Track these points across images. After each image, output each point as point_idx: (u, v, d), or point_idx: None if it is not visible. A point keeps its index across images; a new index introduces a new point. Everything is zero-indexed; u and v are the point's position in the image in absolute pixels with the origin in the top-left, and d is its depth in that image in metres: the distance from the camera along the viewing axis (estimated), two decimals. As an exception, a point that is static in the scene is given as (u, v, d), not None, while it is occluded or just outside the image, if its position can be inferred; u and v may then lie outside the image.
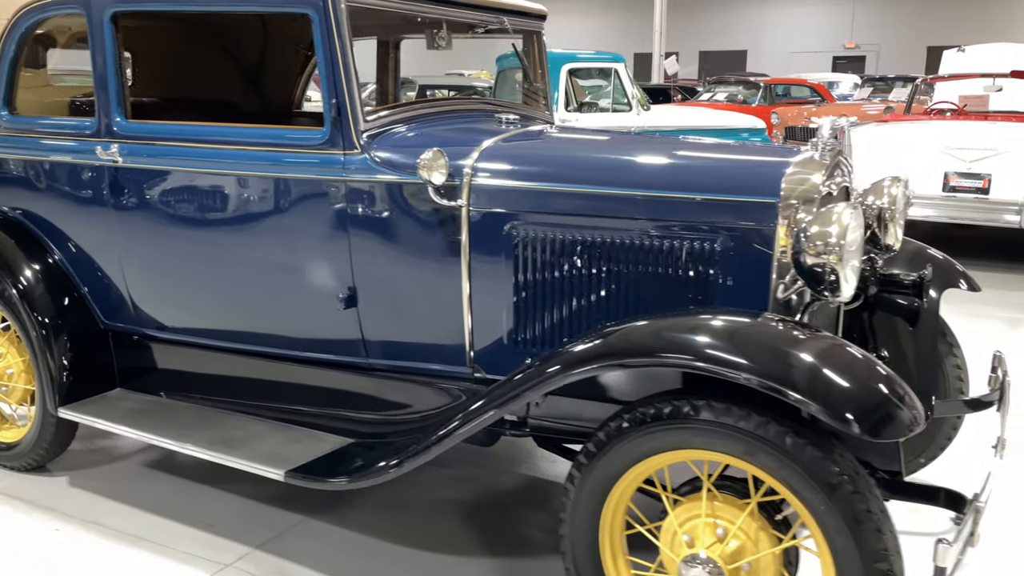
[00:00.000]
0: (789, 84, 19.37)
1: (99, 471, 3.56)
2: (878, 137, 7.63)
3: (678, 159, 2.75)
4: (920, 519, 3.13)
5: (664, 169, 2.65)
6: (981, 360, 4.89)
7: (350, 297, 2.84)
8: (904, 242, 3.35)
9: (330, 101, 2.72)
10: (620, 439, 2.19)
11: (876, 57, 29.66)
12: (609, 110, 9.76)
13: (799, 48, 30.32)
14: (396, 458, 2.53)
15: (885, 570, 1.93)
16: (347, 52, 2.69)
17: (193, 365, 3.31)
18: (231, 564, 2.88)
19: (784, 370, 1.99)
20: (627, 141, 3.14)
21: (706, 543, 2.15)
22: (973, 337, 5.61)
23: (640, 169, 2.65)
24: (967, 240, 8.90)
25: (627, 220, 2.56)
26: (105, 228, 3.20)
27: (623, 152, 2.87)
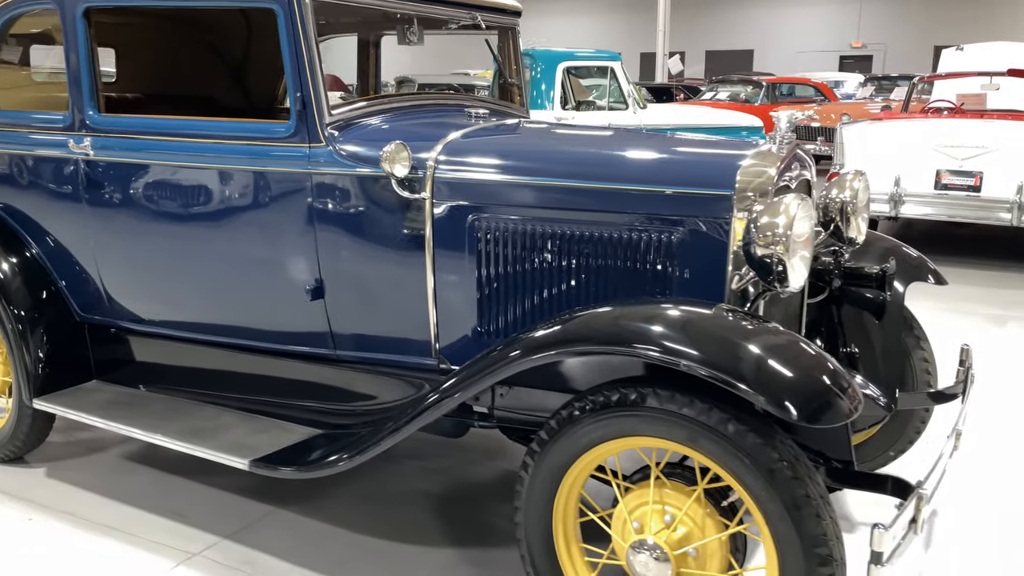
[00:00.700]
0: (793, 83, 19.34)
1: (76, 463, 3.60)
2: (870, 135, 7.63)
3: (636, 152, 2.77)
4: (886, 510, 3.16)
5: (622, 162, 2.68)
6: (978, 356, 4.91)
7: (316, 289, 2.87)
8: (876, 237, 3.37)
9: (295, 95, 2.75)
10: (570, 427, 2.21)
11: (883, 56, 29.59)
12: (606, 108, 9.77)
13: (805, 48, 30.28)
14: (348, 451, 2.56)
15: (824, 555, 1.95)
16: (312, 46, 2.73)
17: (167, 357, 3.35)
18: (199, 553, 2.91)
19: (726, 358, 2.01)
20: (590, 135, 3.16)
21: (654, 529, 2.17)
22: (959, 334, 5.63)
23: (598, 162, 2.67)
24: (960, 238, 8.90)
25: (586, 212, 2.59)
26: (79, 221, 3.24)
27: (584, 146, 2.89)
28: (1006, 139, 7.12)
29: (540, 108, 9.44)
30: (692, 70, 31.50)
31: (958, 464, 3.55)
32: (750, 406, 2.02)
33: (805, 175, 2.76)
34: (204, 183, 2.97)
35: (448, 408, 2.50)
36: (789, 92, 18.89)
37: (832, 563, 1.96)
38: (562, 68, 9.52)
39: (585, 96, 10.16)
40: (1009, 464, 3.67)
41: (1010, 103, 9.89)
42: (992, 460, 3.70)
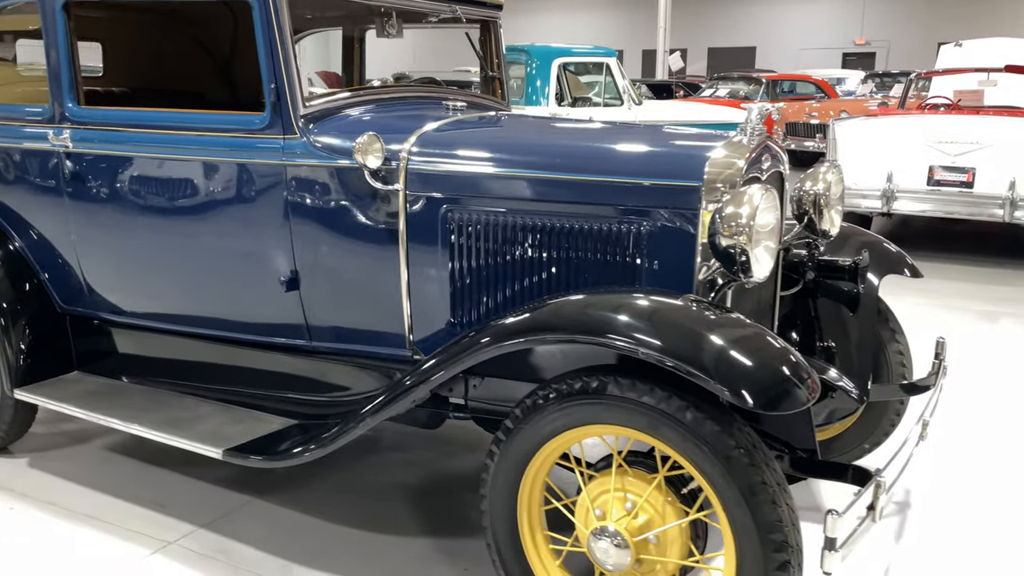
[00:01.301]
0: (793, 80, 19.32)
1: (59, 453, 3.63)
2: (862, 132, 7.63)
3: (607, 144, 2.78)
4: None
5: (592, 154, 2.69)
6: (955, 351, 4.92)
7: (292, 280, 2.89)
8: (855, 231, 3.38)
9: (269, 86, 2.77)
10: (534, 416, 2.23)
11: (886, 53, 29.51)
12: (601, 104, 9.78)
13: (809, 44, 30.21)
14: (317, 441, 2.59)
15: (780, 541, 1.97)
16: (286, 38, 2.75)
17: (147, 349, 3.37)
18: (174, 542, 2.94)
19: (685, 347, 2.03)
20: (563, 128, 3.18)
21: (616, 516, 2.19)
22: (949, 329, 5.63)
23: (569, 154, 2.69)
24: (954, 235, 8.90)
25: (557, 204, 2.60)
26: (60, 213, 3.27)
27: (556, 138, 2.91)
28: (998, 135, 7.11)
29: (535, 104, 9.46)
30: (694, 67, 31.46)
31: (937, 455, 3.59)
32: (711, 395, 2.04)
33: (778, 168, 2.77)
34: (181, 175, 2.99)
35: (416, 397, 2.52)
36: (790, 89, 18.88)
37: (787, 549, 1.97)
38: (557, 64, 9.53)
39: (583, 92, 10.17)
40: (985, 457, 3.68)
41: (1008, 99, 9.88)
42: (970, 452, 3.71)
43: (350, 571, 2.77)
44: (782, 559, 1.98)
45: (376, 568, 2.79)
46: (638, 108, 9.80)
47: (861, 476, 2.36)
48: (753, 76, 18.47)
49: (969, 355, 5.11)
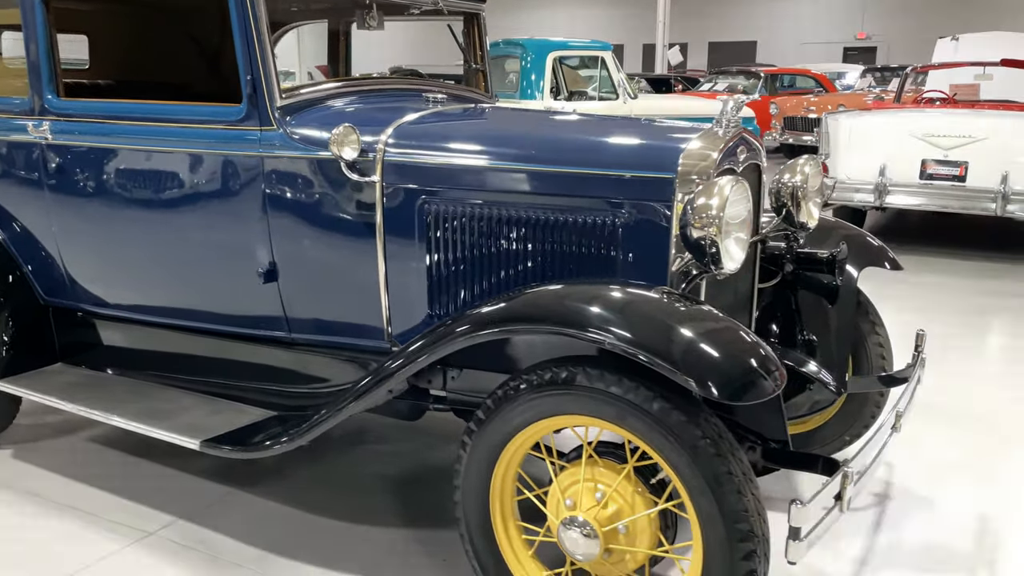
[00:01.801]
0: (792, 74, 19.30)
1: (44, 444, 3.64)
2: (855, 126, 7.62)
3: (583, 136, 2.79)
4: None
5: (567, 145, 2.69)
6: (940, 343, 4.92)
7: (270, 272, 2.90)
8: (836, 224, 3.37)
9: (246, 78, 2.78)
10: (505, 406, 2.24)
11: (887, 48, 29.46)
12: (596, 98, 9.78)
13: (809, 39, 30.17)
14: (291, 432, 2.60)
15: (745, 530, 1.98)
16: (262, 29, 2.75)
17: (130, 341, 3.39)
18: (154, 533, 2.95)
19: (652, 338, 2.03)
20: (541, 120, 3.19)
21: (586, 507, 2.20)
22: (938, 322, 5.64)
23: (545, 145, 2.68)
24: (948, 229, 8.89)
25: (533, 196, 2.61)
26: (41, 205, 3.28)
27: (533, 129, 2.91)
28: (990, 129, 7.11)
29: (531, 98, 9.46)
30: (695, 61, 31.43)
31: (917, 447, 3.59)
32: (679, 386, 2.04)
33: (755, 160, 2.77)
34: (159, 167, 3.00)
35: (392, 388, 2.52)
36: (790, 83, 18.87)
37: (753, 539, 1.98)
38: (552, 58, 9.52)
39: (580, 86, 10.16)
40: (965, 448, 3.68)
41: (1004, 93, 9.87)
42: (949, 444, 3.72)
43: (327, 561, 2.78)
44: (748, 548, 1.98)
45: (353, 558, 2.80)
46: (633, 102, 9.79)
47: (831, 467, 2.37)
48: (752, 70, 18.45)
49: (953, 347, 5.12)
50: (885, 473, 3.44)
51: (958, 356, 5.00)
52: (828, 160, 7.69)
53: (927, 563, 2.81)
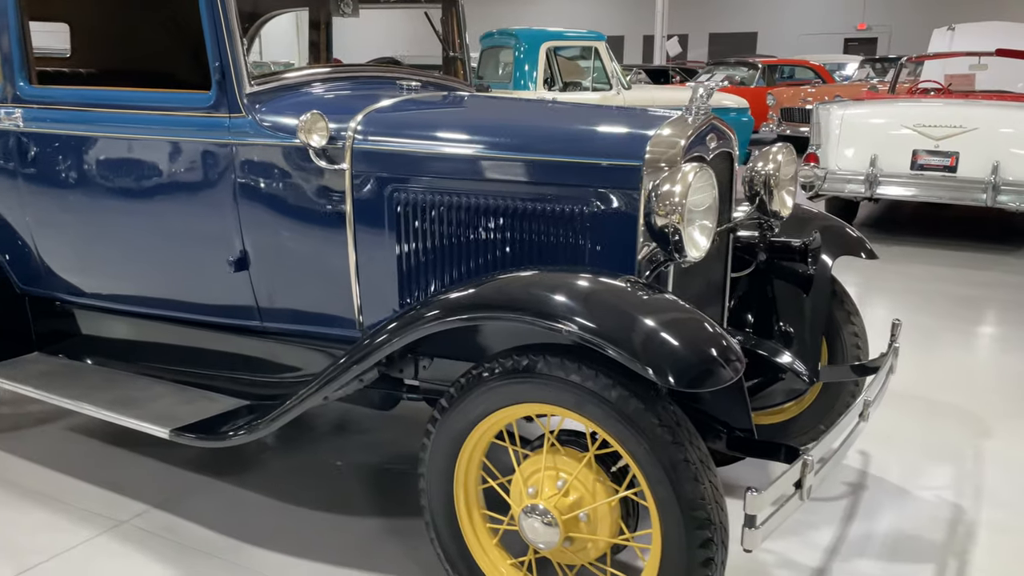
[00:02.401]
0: (790, 65, 19.25)
1: (22, 433, 3.64)
2: (847, 116, 7.59)
3: (554, 124, 2.78)
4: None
5: (536, 133, 2.67)
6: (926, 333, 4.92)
7: (240, 260, 2.89)
8: (814, 214, 3.35)
9: (214, 64, 2.77)
10: (467, 394, 2.24)
11: (888, 39, 29.37)
12: (590, 89, 9.75)
13: (810, 30, 30.07)
14: (259, 420, 2.60)
15: (702, 518, 1.97)
16: (230, 15, 2.74)
17: (105, 330, 3.39)
18: (126, 521, 2.95)
19: (611, 326, 2.02)
20: (513, 107, 3.17)
21: (547, 495, 2.19)
22: (923, 311, 5.63)
23: (513, 133, 2.67)
24: (941, 220, 8.87)
25: (501, 184, 2.60)
26: (14, 193, 3.27)
27: (503, 117, 2.90)
28: (981, 119, 7.08)
29: (524, 89, 9.44)
30: (695, 52, 31.34)
31: (893, 436, 3.59)
32: (638, 374, 2.03)
33: (726, 148, 2.75)
34: (130, 154, 2.99)
35: (361, 377, 2.52)
36: (790, 75, 18.83)
37: (710, 526, 1.98)
38: (545, 48, 9.50)
39: (575, 77, 10.11)
40: (942, 438, 3.68)
41: (999, 84, 9.84)
42: (927, 433, 3.71)
43: (300, 550, 2.78)
44: (705, 536, 1.98)
45: (324, 547, 2.80)
46: (627, 92, 9.76)
47: (793, 455, 2.36)
48: (750, 61, 18.42)
49: (938, 338, 5.12)
50: (861, 463, 3.44)
51: (943, 347, 4.99)
52: (819, 151, 7.67)
53: (898, 553, 2.81)
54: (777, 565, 2.74)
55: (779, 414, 3.35)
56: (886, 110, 7.66)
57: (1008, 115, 7.16)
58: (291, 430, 3.72)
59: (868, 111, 7.74)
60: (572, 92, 9.82)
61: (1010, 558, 2.79)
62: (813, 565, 2.74)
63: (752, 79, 17.66)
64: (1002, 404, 4.08)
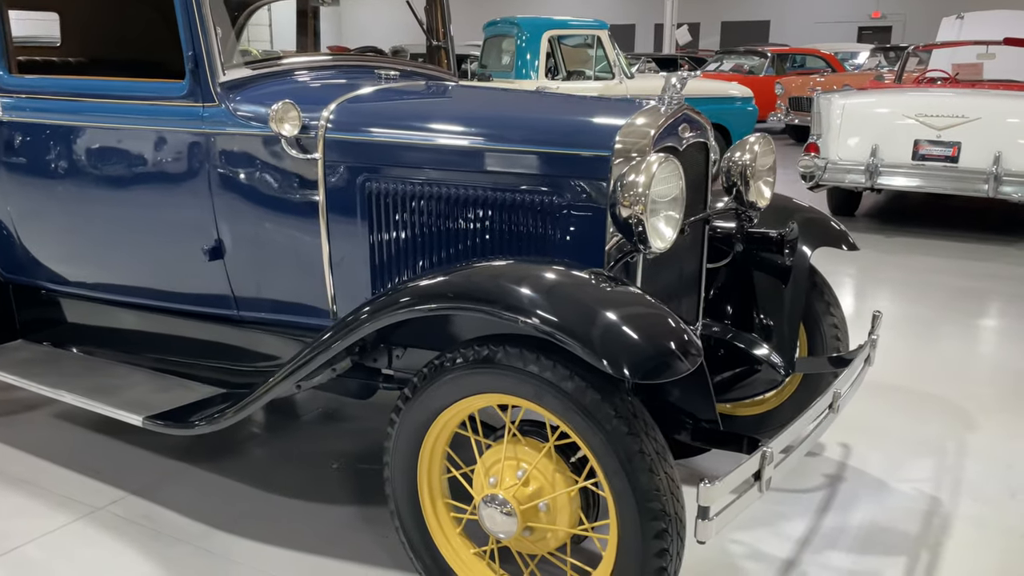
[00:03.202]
0: (800, 54, 19.10)
1: (10, 419, 3.66)
2: (848, 106, 7.53)
3: (526, 113, 2.77)
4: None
5: (508, 123, 2.65)
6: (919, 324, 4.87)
7: (215, 249, 2.90)
8: (796, 205, 3.33)
9: (188, 53, 2.77)
10: (430, 384, 2.24)
11: (902, 27, 29.11)
12: (592, 78, 9.71)
13: (824, 18, 29.84)
14: (227, 411, 2.61)
15: (656, 509, 1.97)
16: (203, 4, 2.73)
17: (87, 317, 3.41)
18: (103, 508, 2.97)
19: (568, 318, 2.01)
20: (488, 97, 3.16)
21: (508, 484, 2.19)
22: (919, 302, 5.60)
23: (484, 123, 2.66)
24: (945, 210, 8.81)
25: (472, 173, 2.59)
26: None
27: (476, 107, 2.90)
28: (982, 109, 7.01)
29: (525, 78, 9.41)
30: (707, 41, 31.13)
31: (874, 427, 3.58)
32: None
33: (700, 138, 2.73)
34: (107, 143, 3.00)
35: (331, 365, 2.52)
36: (801, 64, 18.68)
37: (664, 517, 1.98)
38: (547, 37, 9.46)
39: (580, 66, 10.06)
40: (930, 433, 3.65)
41: (1008, 73, 9.72)
42: (915, 428, 3.69)
43: (270, 536, 2.80)
44: (659, 527, 1.98)
45: (296, 533, 2.82)
46: (629, 81, 9.71)
47: (754, 446, 2.35)
48: (759, 50, 18.27)
49: (933, 330, 5.09)
50: (841, 455, 3.42)
51: (938, 339, 4.96)
52: (819, 141, 7.61)
53: (870, 545, 2.80)
54: (746, 556, 2.74)
55: (758, 406, 3.34)
56: (887, 99, 7.59)
57: (1012, 105, 7.08)
58: (279, 418, 3.75)
59: (869, 100, 7.68)
60: (576, 81, 9.78)
61: (983, 552, 2.78)
62: (782, 556, 2.74)
63: (761, 68, 17.52)
64: (993, 398, 4.05)
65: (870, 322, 3.07)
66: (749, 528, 2.89)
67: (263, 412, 3.81)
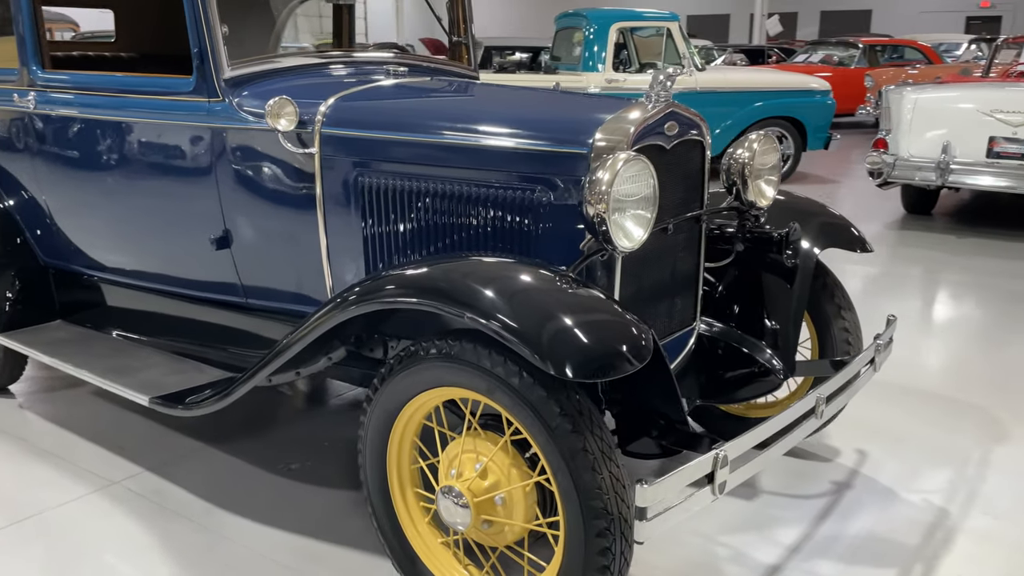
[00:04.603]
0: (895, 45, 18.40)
1: (50, 396, 3.91)
2: (920, 100, 7.24)
3: (512, 110, 2.78)
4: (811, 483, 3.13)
5: (492, 119, 2.66)
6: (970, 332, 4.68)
7: (222, 239, 3.02)
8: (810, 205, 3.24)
9: (194, 50, 2.88)
10: (395, 375, 2.29)
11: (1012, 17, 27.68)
12: (660, 71, 9.57)
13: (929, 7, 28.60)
14: (215, 395, 2.72)
15: (598, 507, 1.97)
16: (209, 2, 2.84)
17: (116, 301, 3.60)
18: (118, 482, 3.14)
19: (518, 318, 2.01)
20: (483, 94, 3.16)
21: (467, 476, 2.23)
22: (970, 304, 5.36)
23: (470, 119, 2.68)
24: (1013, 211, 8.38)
25: (456, 169, 2.62)
26: (31, 173, 3.51)
27: (465, 103, 2.92)
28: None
29: (592, 70, 9.36)
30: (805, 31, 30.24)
31: (900, 437, 3.47)
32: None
33: (690, 135, 2.68)
34: (123, 136, 3.16)
35: (283, 361, 2.57)
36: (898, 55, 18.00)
37: (606, 516, 1.97)
38: (616, 29, 9.38)
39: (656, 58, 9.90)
40: (955, 444, 3.51)
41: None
42: (940, 438, 3.55)
43: (266, 517, 2.90)
44: (601, 526, 1.98)
45: (293, 515, 2.91)
46: (699, 74, 9.54)
47: (713, 448, 2.31)
48: (850, 41, 17.64)
49: (980, 337, 4.87)
50: (855, 461, 3.33)
51: (983, 345, 4.75)
52: (889, 136, 7.34)
53: (862, 555, 2.72)
54: (729, 559, 2.70)
55: (769, 408, 3.29)
56: (962, 94, 7.25)
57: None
58: (311, 404, 3.88)
59: (943, 95, 7.35)
60: (647, 73, 9.65)
61: (981, 567, 2.66)
62: (768, 562, 2.69)
63: (853, 59, 16.94)
64: (1027, 409, 3.86)
65: (885, 325, 2.97)
66: (740, 531, 2.85)
67: (297, 398, 3.94)
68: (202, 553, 2.72)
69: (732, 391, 2.96)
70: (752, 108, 9.77)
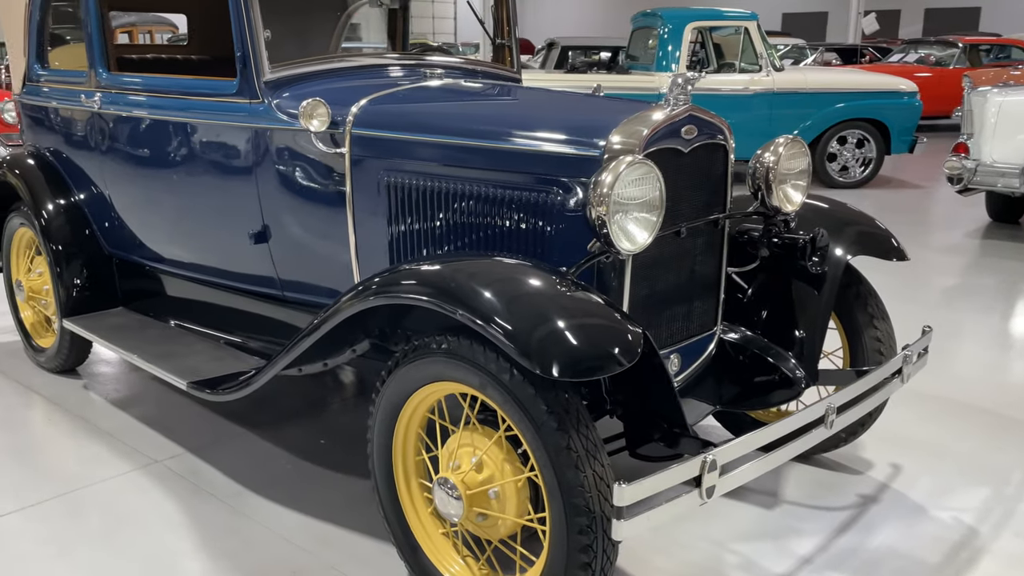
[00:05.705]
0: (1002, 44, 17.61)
1: (112, 377, 4.15)
2: (1005, 104, 6.94)
3: (533, 113, 2.82)
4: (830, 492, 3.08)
5: (511, 121, 2.70)
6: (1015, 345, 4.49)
7: (259, 234, 3.16)
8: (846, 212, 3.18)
9: (238, 54, 3.03)
10: (399, 369, 2.36)
11: None
12: (737, 70, 9.44)
13: (1048, 5, 27.18)
14: (241, 383, 2.86)
15: (580, 505, 2.00)
16: (252, 6, 2.98)
17: (171, 290, 3.80)
18: (160, 461, 3.32)
19: (510, 318, 2.05)
20: (508, 97, 3.20)
21: (463, 469, 2.29)
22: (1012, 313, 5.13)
23: (489, 121, 2.74)
24: None
25: (475, 170, 2.68)
26: (97, 168, 3.73)
27: (488, 106, 2.98)
28: None
29: (665, 70, 9.29)
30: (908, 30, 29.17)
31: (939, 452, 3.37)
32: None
33: (710, 139, 2.67)
34: (174, 136, 3.34)
35: (298, 353, 2.68)
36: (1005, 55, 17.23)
37: (588, 514, 2.00)
38: (691, 28, 9.29)
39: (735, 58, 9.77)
40: (996, 462, 3.38)
41: None
42: (981, 455, 3.43)
43: (291, 501, 3.03)
44: (583, 523, 2.01)
45: (316, 501, 3.03)
46: (777, 74, 9.37)
47: (706, 449, 2.30)
48: (950, 40, 16.96)
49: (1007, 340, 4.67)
50: (887, 475, 3.25)
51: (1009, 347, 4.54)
52: (970, 141, 7.07)
53: (879, 571, 2.66)
54: (737, 567, 2.68)
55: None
56: (1049, 97, 6.93)
57: None
58: (351, 393, 4.01)
59: None
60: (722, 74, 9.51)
61: (1004, 590, 2.58)
62: (777, 571, 2.66)
63: (952, 59, 16.29)
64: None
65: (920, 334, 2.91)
66: (753, 539, 2.83)
67: (342, 386, 4.08)
68: (225, 532, 2.86)
69: (753, 398, 2.93)
70: (833, 109, 9.53)
